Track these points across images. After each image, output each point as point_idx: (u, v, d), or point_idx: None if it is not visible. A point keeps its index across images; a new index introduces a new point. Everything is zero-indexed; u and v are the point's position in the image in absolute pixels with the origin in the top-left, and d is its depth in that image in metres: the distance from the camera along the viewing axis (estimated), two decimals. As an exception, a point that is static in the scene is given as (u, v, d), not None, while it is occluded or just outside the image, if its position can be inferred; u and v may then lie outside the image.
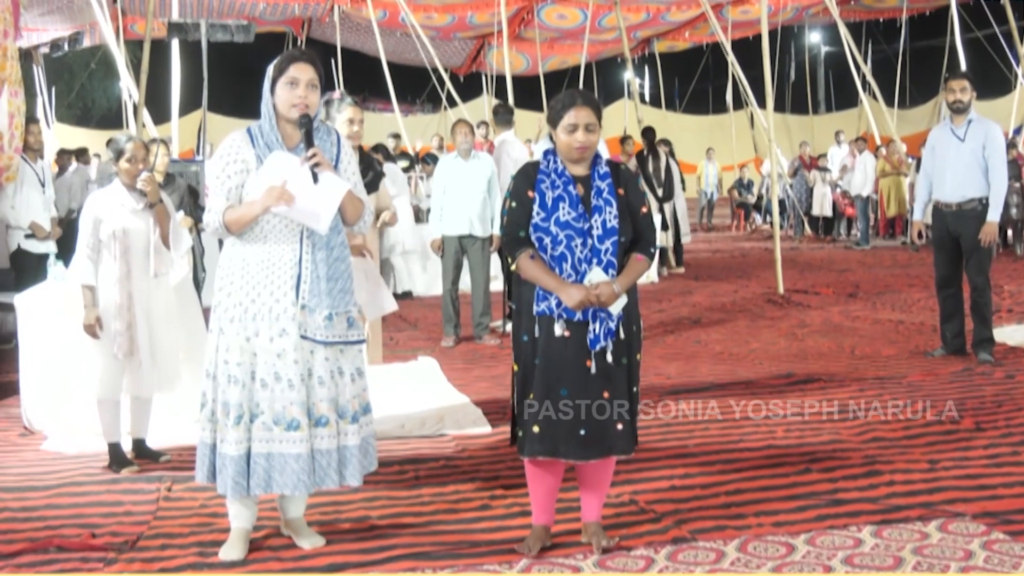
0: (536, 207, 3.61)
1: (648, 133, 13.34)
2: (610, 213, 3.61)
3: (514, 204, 3.66)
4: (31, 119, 8.91)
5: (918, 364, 6.94)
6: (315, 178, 3.61)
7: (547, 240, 3.59)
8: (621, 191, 3.67)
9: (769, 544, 3.72)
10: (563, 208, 3.60)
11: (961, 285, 7.17)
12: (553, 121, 3.69)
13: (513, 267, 3.66)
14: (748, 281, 11.95)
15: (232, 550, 3.75)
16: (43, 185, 8.69)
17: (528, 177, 3.68)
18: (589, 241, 3.59)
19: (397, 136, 17.00)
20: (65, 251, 7.02)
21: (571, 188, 3.63)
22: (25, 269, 8.27)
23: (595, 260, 3.57)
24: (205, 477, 3.73)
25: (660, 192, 12.74)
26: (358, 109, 5.41)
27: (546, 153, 3.73)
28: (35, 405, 5.65)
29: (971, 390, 6.08)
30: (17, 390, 5.87)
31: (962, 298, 7.21)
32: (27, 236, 8.49)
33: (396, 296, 8.66)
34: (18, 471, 4.95)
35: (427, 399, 6.20)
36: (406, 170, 13.41)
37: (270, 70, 3.73)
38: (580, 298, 3.49)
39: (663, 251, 12.81)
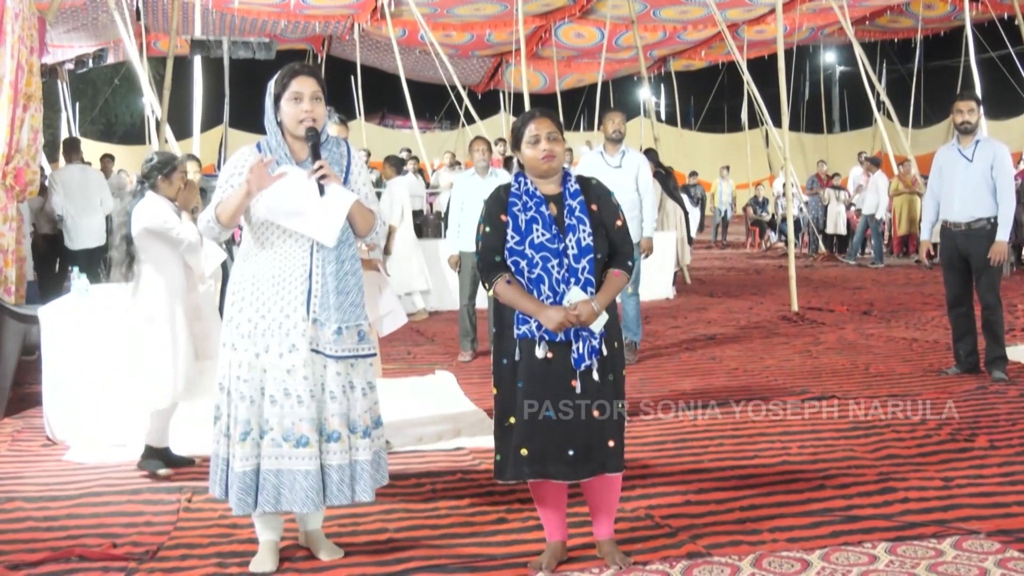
0: (510, 231, 3.59)
1: (651, 154, 13.68)
2: (584, 231, 3.58)
3: (488, 229, 3.63)
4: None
5: (932, 382, 6.94)
6: (322, 191, 3.61)
7: (523, 263, 3.57)
8: (594, 207, 3.65)
9: (784, 560, 3.74)
10: (537, 230, 3.57)
11: (972, 304, 7.17)
12: (516, 141, 3.69)
13: (490, 292, 3.64)
14: (763, 298, 11.96)
15: (263, 562, 3.77)
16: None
17: (500, 201, 3.66)
18: (565, 261, 3.56)
19: (408, 151, 17.07)
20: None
21: (543, 209, 3.60)
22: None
23: (572, 280, 3.54)
24: (220, 493, 3.72)
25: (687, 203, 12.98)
26: (344, 127, 5.43)
27: (517, 175, 3.72)
28: (58, 416, 5.71)
29: (985, 408, 6.09)
30: (40, 401, 5.94)
31: (974, 317, 7.21)
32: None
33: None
34: (40, 481, 5.01)
35: (444, 412, 6.26)
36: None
37: (271, 86, 3.71)
38: (560, 320, 3.47)
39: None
